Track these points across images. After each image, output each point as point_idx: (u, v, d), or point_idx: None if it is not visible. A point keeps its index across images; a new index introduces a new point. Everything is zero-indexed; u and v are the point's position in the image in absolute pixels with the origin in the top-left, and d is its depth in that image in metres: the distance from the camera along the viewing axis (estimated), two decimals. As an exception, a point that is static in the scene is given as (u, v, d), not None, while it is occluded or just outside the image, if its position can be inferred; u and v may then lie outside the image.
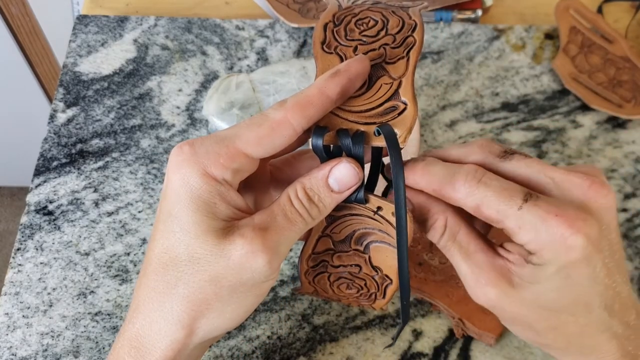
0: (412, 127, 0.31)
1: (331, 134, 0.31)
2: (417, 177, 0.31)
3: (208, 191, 0.30)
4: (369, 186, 0.33)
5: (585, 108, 0.60)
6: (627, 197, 0.55)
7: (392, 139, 0.30)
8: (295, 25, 0.64)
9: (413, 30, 0.33)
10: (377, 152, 0.33)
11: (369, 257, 0.34)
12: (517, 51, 0.65)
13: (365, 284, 0.35)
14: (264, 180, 0.35)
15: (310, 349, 0.46)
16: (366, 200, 0.32)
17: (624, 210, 0.54)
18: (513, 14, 0.69)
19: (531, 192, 0.29)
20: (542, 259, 0.29)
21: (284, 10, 0.65)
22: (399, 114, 0.31)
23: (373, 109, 0.31)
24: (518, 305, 0.31)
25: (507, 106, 0.60)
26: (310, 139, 0.31)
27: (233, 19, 0.65)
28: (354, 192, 0.32)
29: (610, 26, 0.65)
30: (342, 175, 0.31)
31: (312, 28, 0.65)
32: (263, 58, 0.63)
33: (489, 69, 0.63)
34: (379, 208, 0.32)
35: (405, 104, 0.31)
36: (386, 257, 0.33)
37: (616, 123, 0.60)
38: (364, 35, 0.33)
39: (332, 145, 0.32)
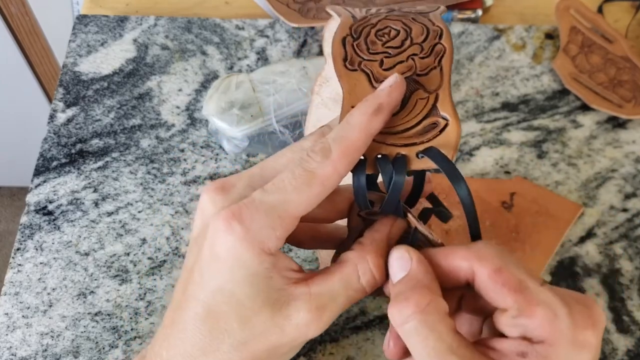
0: (457, 144, 0.28)
1: (370, 163, 0.28)
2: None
3: (265, 268, 0.28)
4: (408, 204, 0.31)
5: (585, 108, 0.60)
6: (627, 197, 0.55)
7: (442, 159, 0.27)
8: (295, 25, 0.64)
9: (440, 37, 0.30)
10: (420, 175, 0.31)
11: None
12: (517, 51, 0.64)
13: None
14: None
15: (310, 349, 0.46)
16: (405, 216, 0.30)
17: (624, 210, 0.54)
18: (513, 14, 0.69)
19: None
20: (551, 348, 0.25)
21: (284, 10, 0.65)
22: (441, 131, 0.28)
23: (411, 128, 0.29)
24: None
25: (507, 106, 0.60)
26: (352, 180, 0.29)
27: (233, 19, 0.65)
28: (394, 208, 0.30)
29: (611, 26, 0.65)
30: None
31: (312, 28, 0.65)
32: (263, 58, 0.63)
33: (489, 68, 0.63)
34: (414, 228, 0.30)
35: (446, 119, 0.29)
36: None
37: (616, 123, 0.60)
38: (388, 47, 0.30)
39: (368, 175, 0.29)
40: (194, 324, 0.30)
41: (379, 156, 0.28)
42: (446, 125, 0.28)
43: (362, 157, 0.28)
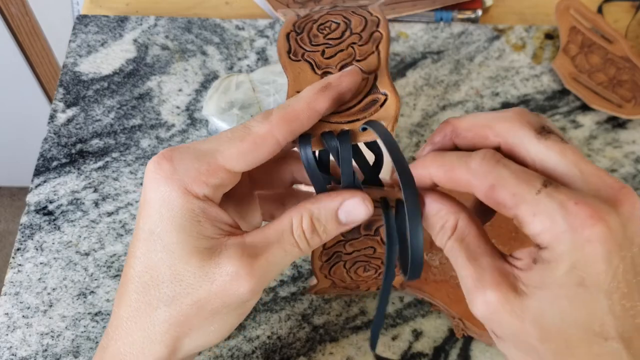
0: (397, 115, 0.31)
1: (316, 139, 0.30)
2: (427, 162, 0.29)
3: (191, 210, 0.29)
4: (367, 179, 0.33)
5: (585, 108, 0.60)
6: (627, 197, 0.55)
7: (382, 130, 0.29)
8: (295, 25, 0.64)
9: (377, 26, 0.33)
10: (374, 148, 0.33)
11: (381, 238, 0.34)
12: (517, 51, 0.65)
13: (382, 262, 0.35)
14: (244, 186, 0.34)
15: (310, 349, 0.46)
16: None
17: (624, 210, 0.54)
18: (513, 14, 0.69)
19: (551, 180, 0.27)
20: (554, 252, 0.25)
21: (284, 10, 0.65)
22: (381, 105, 0.31)
23: (353, 106, 0.31)
24: (519, 317, 0.26)
25: (507, 106, 0.60)
26: (295, 148, 0.30)
27: (233, 19, 0.65)
28: (351, 177, 0.31)
29: (611, 26, 0.65)
30: (354, 209, 0.30)
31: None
32: (263, 58, 0.63)
33: (489, 69, 0.63)
34: (382, 198, 0.32)
35: (385, 95, 0.31)
36: None
37: (616, 123, 0.60)
38: (329, 39, 0.33)
39: (317, 151, 0.31)
40: (134, 288, 0.30)
41: (325, 133, 0.31)
42: (385, 100, 0.31)
43: (308, 134, 0.30)
